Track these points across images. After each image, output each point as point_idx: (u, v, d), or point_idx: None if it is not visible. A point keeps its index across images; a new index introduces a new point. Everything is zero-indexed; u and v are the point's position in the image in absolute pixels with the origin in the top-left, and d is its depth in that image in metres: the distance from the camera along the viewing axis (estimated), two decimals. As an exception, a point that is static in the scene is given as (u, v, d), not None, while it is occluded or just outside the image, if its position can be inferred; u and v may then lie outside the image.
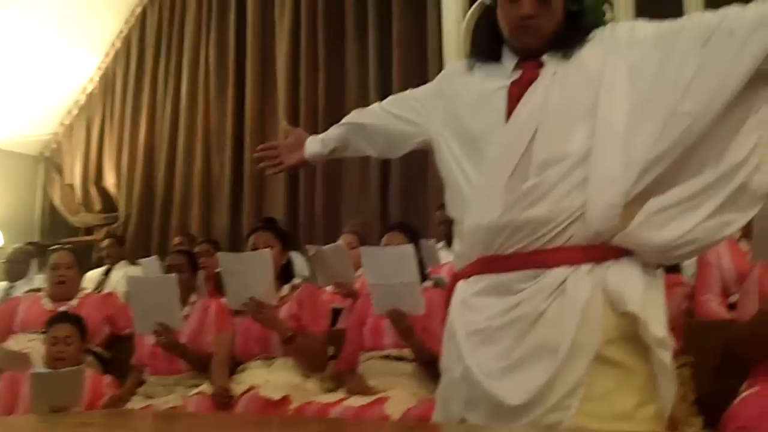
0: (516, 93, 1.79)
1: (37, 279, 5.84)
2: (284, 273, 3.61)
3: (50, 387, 3.37)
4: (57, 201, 9.50)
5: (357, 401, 3.05)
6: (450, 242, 4.18)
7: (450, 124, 1.91)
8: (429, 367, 3.16)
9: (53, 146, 9.88)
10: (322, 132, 2.28)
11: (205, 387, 3.41)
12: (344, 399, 3.13)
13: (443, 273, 4.22)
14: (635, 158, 1.65)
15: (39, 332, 4.03)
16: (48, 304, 4.36)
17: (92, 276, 6.63)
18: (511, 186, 1.72)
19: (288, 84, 7.93)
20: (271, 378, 3.34)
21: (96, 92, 9.70)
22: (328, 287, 4.50)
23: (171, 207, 8.59)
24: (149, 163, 8.92)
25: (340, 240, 4.85)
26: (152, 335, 3.60)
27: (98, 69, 9.68)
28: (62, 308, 4.23)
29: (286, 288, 3.57)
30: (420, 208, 6.80)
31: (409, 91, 2.14)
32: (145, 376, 3.85)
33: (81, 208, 9.33)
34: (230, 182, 8.21)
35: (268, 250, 3.38)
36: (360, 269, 4.21)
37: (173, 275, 3.67)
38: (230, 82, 8.40)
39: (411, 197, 6.99)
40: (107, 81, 9.62)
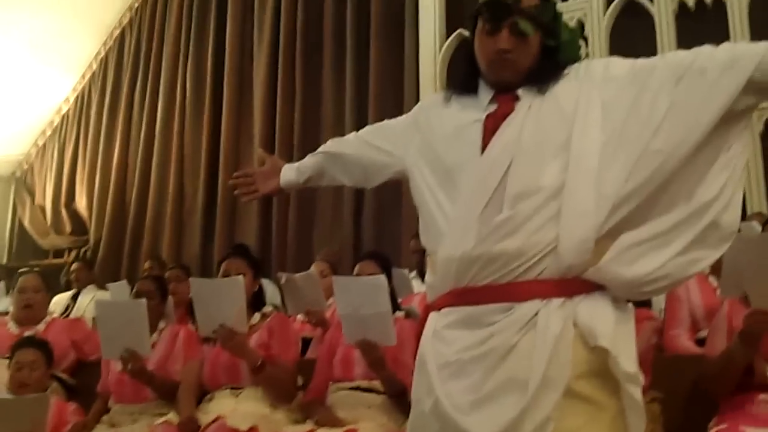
0: (491, 126, 1.80)
1: (4, 302, 5.76)
2: (255, 301, 3.58)
3: (13, 414, 3.30)
4: (27, 222, 9.41)
5: (325, 432, 3.02)
6: (422, 272, 4.18)
7: (425, 156, 1.91)
8: (399, 399, 3.15)
9: (25, 167, 9.81)
10: (298, 159, 2.29)
11: (172, 416, 3.36)
12: (313, 430, 3.11)
13: (415, 303, 4.21)
14: (607, 193, 1.66)
15: (3, 357, 3.96)
16: (14, 328, 4.29)
17: (59, 300, 6.54)
18: (485, 218, 1.72)
19: (264, 111, 7.94)
20: (239, 408, 3.30)
21: (70, 114, 9.67)
22: (299, 316, 4.47)
23: (142, 231, 8.54)
24: (122, 187, 8.87)
25: (312, 268, 4.83)
26: (119, 361, 3.55)
27: (73, 90, 9.65)
28: (28, 333, 4.17)
29: (257, 316, 3.54)
30: (393, 237, 6.80)
31: (386, 122, 2.16)
32: (111, 404, 3.79)
33: (51, 231, 9.24)
34: (203, 207, 8.18)
35: (241, 278, 3.36)
36: (331, 298, 4.20)
37: (143, 300, 3.63)
38: (206, 108, 8.40)
39: (384, 226, 7.00)
40: (82, 102, 9.60)
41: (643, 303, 3.52)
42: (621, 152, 1.68)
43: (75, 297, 6.60)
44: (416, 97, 6.67)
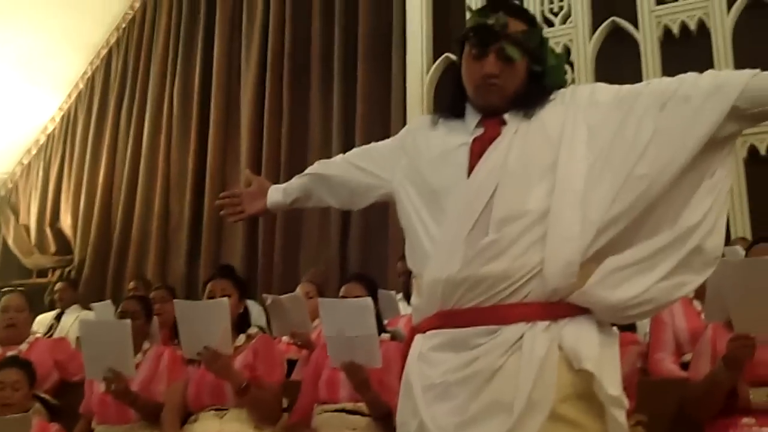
0: (478, 149, 1.82)
1: (-14, 321, 5.70)
2: (241, 322, 3.57)
3: (-6, 434, 3.28)
4: (11, 241, 9.35)
5: (310, 454, 3.01)
6: (408, 295, 4.18)
7: (412, 178, 1.93)
8: (384, 422, 3.14)
9: (9, 186, 9.76)
10: (285, 181, 2.29)
11: (156, 437, 3.34)
12: (297, 452, 3.09)
13: (401, 325, 4.21)
14: (593, 218, 1.67)
15: (-14, 377, 3.92)
16: (-3, 348, 4.26)
17: (43, 319, 6.50)
18: (471, 241, 1.72)
19: (251, 131, 7.95)
20: (224, 429, 3.28)
21: (56, 133, 9.64)
22: (285, 337, 4.46)
23: (127, 251, 8.50)
24: (107, 206, 8.84)
25: (298, 289, 4.82)
26: (102, 382, 3.52)
27: (60, 109, 9.63)
28: (11, 352, 4.14)
29: (242, 337, 3.53)
30: (380, 259, 6.80)
31: (373, 144, 2.17)
32: (94, 425, 3.75)
33: (35, 250, 9.19)
34: (189, 228, 8.15)
35: (226, 300, 3.35)
36: (317, 319, 4.19)
37: (127, 321, 3.61)
38: (193, 127, 8.40)
39: (371, 248, 7.00)
40: (68, 122, 9.58)
41: (628, 327, 3.53)
42: (606, 177, 1.70)
43: (59, 317, 6.56)
44: (403, 120, 6.70)
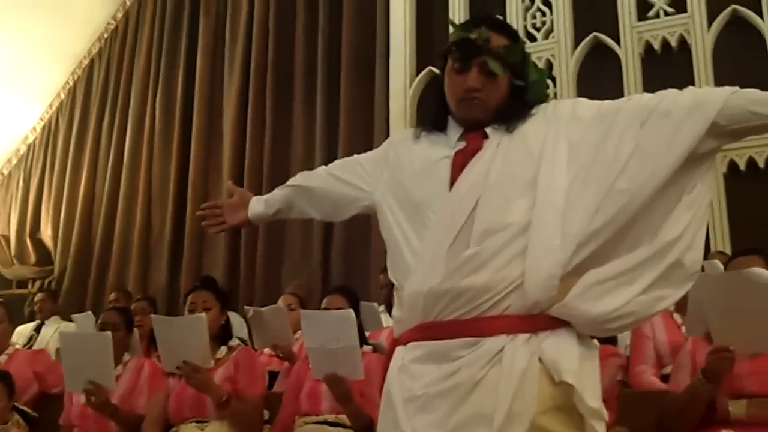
0: (460, 163, 1.83)
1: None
2: (222, 334, 3.55)
3: (-28, 446, 3.25)
4: (-11, 252, 9.27)
5: (291, 467, 3.00)
6: (390, 307, 4.19)
7: (394, 191, 1.93)
8: (365, 434, 3.13)
9: (-11, 196, 9.69)
10: (267, 192, 2.29)
11: (135, 450, 3.31)
12: (278, 464, 3.08)
13: (383, 337, 4.21)
14: (573, 231, 1.69)
15: (-36, 388, 3.88)
16: (-25, 359, 4.22)
17: (23, 331, 6.45)
18: (453, 254, 1.73)
19: (234, 143, 7.94)
20: (204, 441, 3.27)
21: (37, 143, 9.58)
22: (266, 349, 4.44)
23: (108, 262, 8.45)
24: (88, 217, 8.78)
25: (280, 301, 4.81)
26: (82, 394, 3.50)
27: (40, 119, 9.58)
28: (-10, 364, 4.10)
29: (223, 349, 3.51)
30: (362, 271, 6.80)
31: (355, 157, 2.17)
32: (73, 437, 3.73)
33: (15, 261, 9.11)
34: (170, 239, 8.11)
35: (204, 315, 3.33)
36: (299, 331, 4.18)
37: (108, 333, 3.59)
38: (175, 139, 8.37)
39: (353, 260, 6.99)
40: (49, 132, 9.52)
41: (609, 339, 3.55)
42: (587, 191, 1.71)
43: (38, 328, 6.51)
44: (386, 133, 6.71)
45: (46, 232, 9.07)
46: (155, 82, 8.75)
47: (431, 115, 1.99)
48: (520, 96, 1.89)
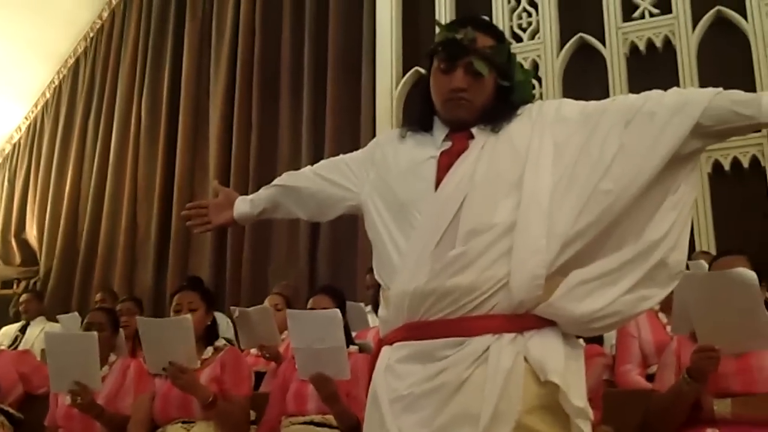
0: (446, 163, 1.83)
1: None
2: (208, 335, 3.54)
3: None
4: (-26, 252, 9.22)
5: (277, 467, 2.99)
6: (377, 307, 4.19)
7: (380, 191, 1.93)
8: (352, 434, 3.13)
9: (-27, 196, 9.63)
10: (253, 192, 2.29)
11: (121, 450, 3.30)
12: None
13: (370, 337, 4.21)
14: (558, 231, 1.69)
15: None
16: (-40, 360, 4.19)
17: (8, 331, 6.41)
18: (438, 254, 1.74)
19: (220, 143, 7.92)
20: (190, 442, 3.26)
21: (22, 142, 9.54)
22: (252, 350, 4.43)
23: (93, 262, 8.41)
24: (73, 217, 8.74)
25: (266, 301, 4.80)
26: (68, 395, 3.48)
27: (26, 119, 9.53)
28: (-26, 365, 4.08)
29: (209, 350, 3.50)
30: (349, 271, 6.80)
31: (341, 157, 2.17)
32: (58, 438, 3.71)
33: (-1, 261, 9.07)
34: (156, 239, 8.09)
35: (189, 317, 3.32)
36: (285, 332, 4.17)
37: (94, 333, 3.57)
38: (161, 138, 8.35)
39: (340, 260, 6.99)
40: (35, 131, 9.48)
41: (594, 339, 3.56)
42: (572, 192, 1.72)
43: (24, 329, 6.47)
44: (372, 133, 6.71)
45: (32, 233, 9.03)
46: (141, 82, 8.73)
47: (417, 116, 1.99)
48: (506, 96, 1.90)
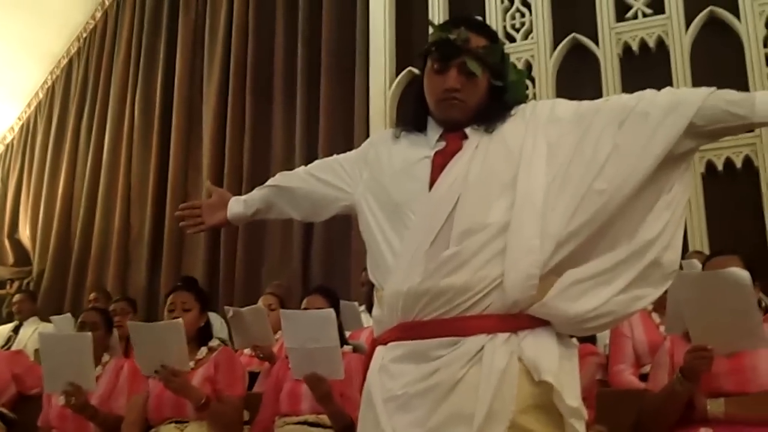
0: (440, 163, 1.83)
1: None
2: (202, 335, 3.53)
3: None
4: (-34, 253, 9.19)
5: (271, 467, 2.99)
6: (371, 306, 4.19)
7: (374, 191, 1.94)
8: (346, 434, 3.13)
9: (-34, 196, 9.60)
10: (247, 192, 2.28)
11: (115, 451, 3.29)
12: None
13: (363, 338, 4.21)
14: (552, 231, 1.70)
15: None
16: (-47, 361, 4.18)
17: (1, 332, 6.40)
18: (432, 254, 1.74)
19: (213, 143, 7.91)
20: (184, 442, 3.25)
21: (15, 142, 9.51)
22: (246, 350, 4.43)
23: (87, 262, 8.40)
24: (67, 217, 8.72)
25: (260, 301, 4.80)
26: (61, 395, 3.47)
27: (19, 119, 9.51)
28: (-33, 365, 4.06)
29: (203, 350, 3.49)
30: (343, 271, 6.80)
31: (335, 157, 2.17)
32: (52, 439, 3.70)
33: (-8, 261, 9.05)
34: (149, 239, 8.07)
35: (180, 320, 3.31)
36: (279, 332, 4.17)
37: (88, 333, 3.56)
38: (154, 139, 8.33)
39: (334, 260, 6.99)
40: (28, 132, 9.46)
41: (588, 338, 3.57)
42: (565, 192, 1.72)
43: (17, 329, 6.46)
44: (366, 133, 6.71)
45: (25, 233, 9.00)
46: (134, 82, 8.71)
47: (411, 116, 1.99)
48: (500, 96, 1.90)
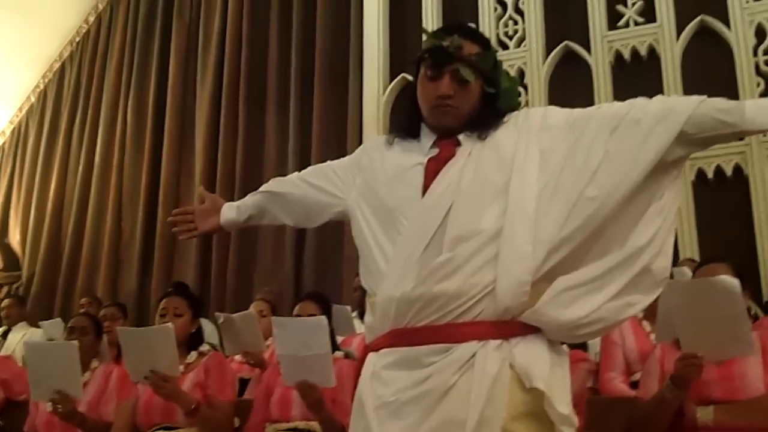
0: (433, 169, 1.84)
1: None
2: (193, 341, 3.52)
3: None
4: (-44, 257, 9.14)
5: (261, 474, 2.98)
6: (363, 311, 4.19)
7: (367, 197, 1.94)
8: (337, 440, 3.12)
9: (-43, 199, 9.56)
10: (239, 198, 2.28)
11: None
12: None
13: (355, 345, 4.20)
14: (544, 238, 1.70)
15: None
16: (-60, 366, 4.16)
17: (-11, 337, 6.36)
18: (425, 260, 1.74)
19: (206, 149, 7.89)
20: (174, 448, 3.24)
21: (6, 146, 9.48)
22: (237, 356, 4.42)
23: (77, 268, 8.36)
24: (57, 222, 8.69)
25: (251, 307, 4.79)
26: (49, 403, 3.45)
27: (10, 123, 9.48)
28: (-44, 371, 4.04)
29: (194, 354, 3.48)
30: (335, 277, 6.78)
31: (328, 163, 2.17)
32: (39, 444, 3.68)
33: (-19, 266, 8.99)
34: (141, 245, 8.04)
35: (170, 326, 3.29)
36: (270, 338, 4.16)
37: (74, 342, 3.53)
38: (147, 143, 8.31)
39: (326, 266, 6.97)
40: (19, 135, 9.43)
41: (579, 345, 3.57)
42: (557, 198, 1.73)
43: (5, 334, 6.44)
44: (359, 140, 6.70)
45: (15, 237, 8.97)
46: (127, 87, 8.69)
47: (404, 122, 1.99)
48: (492, 103, 1.91)
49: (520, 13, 6.74)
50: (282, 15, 7.90)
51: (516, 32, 6.73)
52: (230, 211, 2.24)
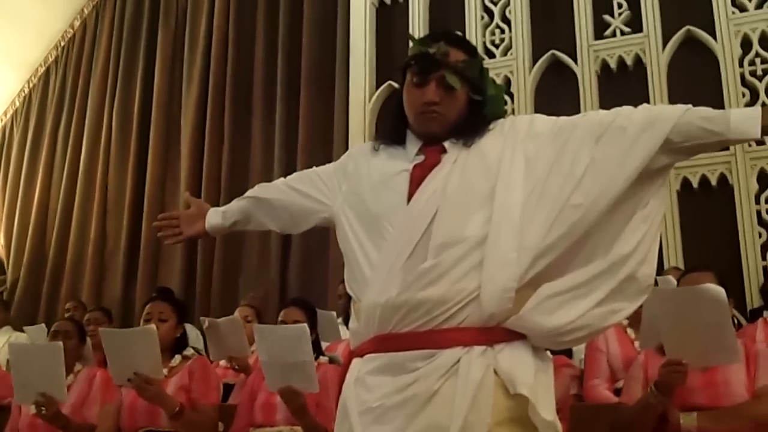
0: (418, 176, 1.84)
1: None
2: (178, 346, 3.51)
3: None
4: (-61, 261, 9.08)
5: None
6: (348, 318, 4.18)
7: (352, 203, 1.94)
8: (321, 446, 3.12)
9: (-59, 203, 9.49)
10: (225, 204, 2.28)
11: (87, 462, 3.26)
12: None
13: (339, 351, 4.19)
14: (529, 245, 1.71)
15: None
16: (-77, 370, 4.13)
17: (-28, 341, 6.31)
18: (410, 266, 1.74)
19: (191, 155, 7.86)
20: (158, 452, 3.23)
21: (-10, 150, 9.42)
22: (222, 361, 4.40)
23: (62, 273, 8.31)
24: (42, 227, 8.63)
25: (236, 313, 4.77)
26: (33, 406, 3.43)
27: (-6, 127, 9.42)
28: (-62, 375, 4.02)
29: (177, 358, 3.47)
30: (320, 283, 6.77)
31: (314, 169, 2.17)
32: (22, 448, 3.66)
33: (-35, 270, 8.93)
34: (125, 249, 8.00)
35: (153, 327, 3.29)
36: (255, 344, 4.15)
37: (59, 344, 3.52)
38: (132, 149, 8.27)
39: (311, 271, 6.96)
40: (3, 140, 9.37)
41: (563, 352, 3.58)
42: (542, 206, 1.74)
43: (-12, 339, 6.38)
44: (345, 146, 6.70)
45: (-1, 242, 8.92)
46: (112, 92, 8.65)
47: (390, 129, 2.00)
48: (478, 111, 1.91)
49: (507, 22, 6.77)
50: (268, 21, 7.90)
51: (503, 41, 6.75)
52: (216, 217, 2.23)
